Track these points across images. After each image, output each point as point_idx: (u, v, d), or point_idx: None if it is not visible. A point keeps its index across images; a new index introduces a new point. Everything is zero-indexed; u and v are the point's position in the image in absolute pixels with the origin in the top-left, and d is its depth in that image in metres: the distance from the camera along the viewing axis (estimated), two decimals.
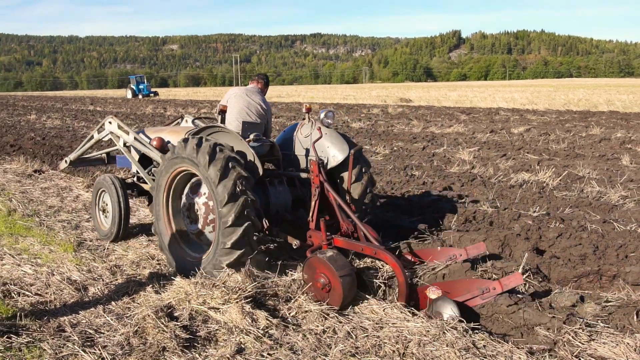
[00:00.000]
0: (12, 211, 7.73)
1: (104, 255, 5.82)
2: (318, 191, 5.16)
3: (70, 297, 4.71)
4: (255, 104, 6.24)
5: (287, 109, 31.40)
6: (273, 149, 5.90)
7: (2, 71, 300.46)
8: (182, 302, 4.39)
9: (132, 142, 6.47)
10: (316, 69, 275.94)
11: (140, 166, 6.39)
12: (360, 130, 18.23)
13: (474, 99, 37.28)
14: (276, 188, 5.59)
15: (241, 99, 6.21)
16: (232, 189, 4.60)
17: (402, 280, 4.34)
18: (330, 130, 5.69)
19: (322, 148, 5.59)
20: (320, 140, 5.60)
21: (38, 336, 3.89)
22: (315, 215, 5.14)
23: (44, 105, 41.96)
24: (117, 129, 6.73)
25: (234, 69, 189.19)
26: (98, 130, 7.09)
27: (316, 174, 5.18)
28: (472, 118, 22.19)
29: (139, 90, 59.11)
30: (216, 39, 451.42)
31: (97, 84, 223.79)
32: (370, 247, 4.68)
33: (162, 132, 6.46)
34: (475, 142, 14.37)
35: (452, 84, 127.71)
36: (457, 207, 7.21)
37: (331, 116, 5.78)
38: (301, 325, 4.07)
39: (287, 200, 5.63)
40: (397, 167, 10.80)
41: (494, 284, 4.27)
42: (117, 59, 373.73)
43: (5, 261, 5.64)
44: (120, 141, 6.65)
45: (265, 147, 5.79)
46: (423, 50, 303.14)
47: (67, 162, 7.50)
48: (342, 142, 5.60)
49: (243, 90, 6.33)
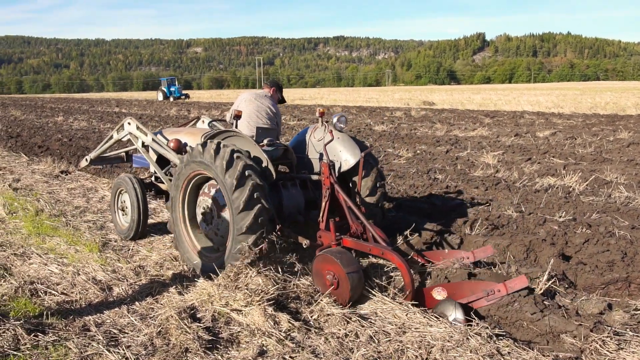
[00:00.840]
0: (39, 211, 7.87)
1: (128, 256, 5.88)
2: (328, 193, 5.26)
3: (95, 296, 4.77)
4: (265, 107, 6.37)
5: (310, 111, 31.43)
6: (287, 153, 6.02)
7: (31, 74, 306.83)
8: (205, 304, 4.42)
9: (150, 142, 6.62)
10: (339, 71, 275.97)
11: (157, 166, 6.54)
12: (383, 133, 18.16)
13: (498, 102, 36.91)
14: (289, 190, 5.66)
15: (251, 103, 6.35)
16: (248, 197, 4.70)
17: (408, 280, 4.43)
18: (343, 135, 5.77)
19: (334, 152, 5.67)
20: (332, 143, 5.68)
21: (64, 335, 3.95)
22: (326, 216, 5.25)
23: (71, 107, 42.69)
24: (136, 130, 6.89)
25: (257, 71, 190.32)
26: (117, 131, 7.26)
27: (327, 176, 5.28)
28: (497, 121, 21.95)
29: (170, 93, 58.25)
30: (240, 42, 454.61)
31: (122, 86, 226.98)
32: (377, 247, 4.78)
33: (179, 133, 6.59)
34: (499, 146, 14.21)
35: (476, 87, 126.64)
36: (481, 211, 7.14)
37: (343, 120, 5.87)
38: (323, 329, 4.06)
39: (299, 202, 5.69)
40: (420, 170, 10.73)
41: (499, 286, 4.32)
42: (142, 61, 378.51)
43: (32, 260, 5.74)
44: (138, 142, 6.81)
45: (279, 151, 5.93)
46: (447, 53, 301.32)
47: (87, 161, 7.71)
48: (354, 146, 5.67)
49: (253, 95, 6.49)
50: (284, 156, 6.01)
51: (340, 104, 41.06)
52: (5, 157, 14.01)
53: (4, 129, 21.82)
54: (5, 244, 6.37)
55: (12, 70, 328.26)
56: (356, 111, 30.30)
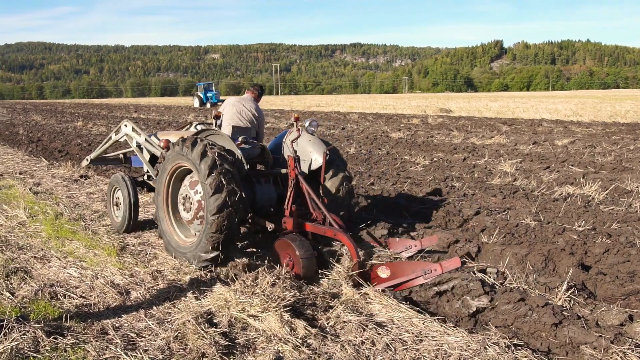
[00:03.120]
0: (59, 215, 7.97)
1: (145, 260, 5.93)
2: (293, 183, 5.95)
3: (113, 300, 4.81)
4: (247, 110, 6.95)
5: (327, 118, 31.49)
6: (264, 152, 6.70)
7: (52, 79, 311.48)
8: (221, 309, 4.43)
9: (143, 143, 7.29)
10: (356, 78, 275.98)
11: (149, 165, 7.19)
12: (399, 140, 18.12)
13: (516, 110, 36.65)
14: (262, 185, 6.32)
15: (234, 107, 6.95)
16: (219, 181, 5.26)
17: (355, 258, 5.06)
18: (313, 137, 6.53)
19: (306, 152, 6.42)
20: (304, 145, 6.46)
21: (82, 338, 3.98)
22: (290, 204, 5.89)
23: (90, 113, 43.22)
24: (131, 131, 7.51)
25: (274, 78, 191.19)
26: (115, 132, 7.81)
27: (292, 168, 5.96)
28: (514, 129, 21.80)
29: (207, 99, 55.41)
30: (257, 49, 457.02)
31: (141, 92, 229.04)
32: (331, 230, 5.45)
33: (170, 134, 7.16)
34: (517, 154, 14.10)
35: (494, 94, 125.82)
36: (499, 220, 7.08)
37: (315, 125, 6.68)
38: (340, 336, 4.05)
39: (272, 196, 6.34)
40: (437, 178, 10.68)
41: (435, 266, 4.87)
42: (161, 67, 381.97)
43: (52, 263, 5.81)
44: (133, 142, 7.45)
45: (256, 150, 6.64)
46: (464, 60, 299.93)
47: (88, 161, 8.35)
48: (323, 146, 6.38)
49: (238, 100, 7.08)
50: (260, 155, 6.69)
51: (356, 110, 41.05)
52: (26, 162, 14.22)
53: (25, 134, 22.15)
54: (26, 247, 6.46)
55: (34, 76, 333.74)
56: (373, 118, 30.27)
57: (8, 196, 9.42)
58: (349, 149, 15.77)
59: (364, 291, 4.84)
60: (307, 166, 6.36)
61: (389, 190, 9.26)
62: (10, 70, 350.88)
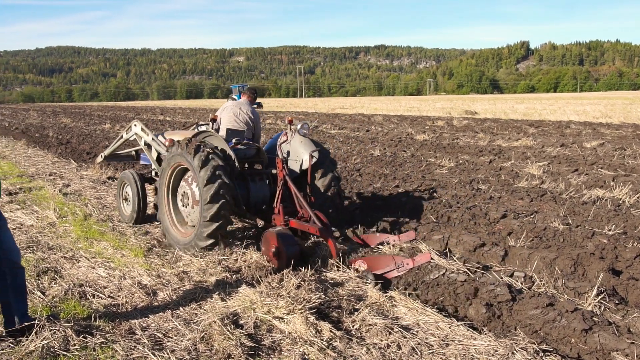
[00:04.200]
0: (87, 216, 8.10)
1: (172, 261, 5.98)
2: (282, 183, 6.44)
3: (141, 300, 4.87)
4: (243, 113, 7.38)
5: (351, 120, 31.45)
6: (259, 153, 7.16)
7: (80, 82, 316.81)
8: (247, 311, 4.46)
9: (150, 142, 7.77)
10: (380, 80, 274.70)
11: (156, 163, 7.67)
12: (424, 142, 18.01)
13: (543, 112, 36.12)
14: (256, 184, 6.84)
15: (232, 110, 7.39)
16: (211, 174, 5.77)
17: (334, 253, 5.54)
18: (305, 139, 6.94)
19: (297, 153, 6.87)
20: (296, 146, 6.90)
21: (111, 337, 4.04)
22: (279, 202, 6.40)
23: (117, 115, 43.88)
24: (140, 131, 7.98)
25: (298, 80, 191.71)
26: (126, 131, 8.34)
27: (280, 169, 6.44)
28: (541, 131, 21.48)
29: None
30: (281, 51, 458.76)
31: (167, 94, 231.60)
32: (314, 227, 5.86)
33: (175, 134, 7.62)
34: (544, 157, 13.89)
35: (520, 96, 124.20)
36: (526, 223, 6.98)
37: (306, 127, 7.10)
38: (365, 339, 4.04)
39: (265, 194, 6.84)
40: (462, 180, 10.59)
41: (408, 260, 5.34)
42: (186, 70, 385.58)
43: (81, 263, 5.91)
44: (142, 141, 7.93)
45: (252, 151, 7.10)
46: (489, 61, 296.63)
47: (102, 157, 9.14)
48: (313, 148, 6.80)
49: (235, 104, 7.53)
50: (256, 155, 7.17)
51: (381, 112, 40.92)
52: (55, 163, 14.50)
53: (55, 136, 22.58)
54: (56, 247, 6.58)
55: (63, 79, 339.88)
56: (397, 120, 30.13)
57: (39, 197, 9.62)
58: (373, 151, 15.73)
59: (389, 294, 4.82)
60: (298, 166, 6.84)
61: (414, 193, 9.20)
62: (41, 74, 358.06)
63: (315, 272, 5.28)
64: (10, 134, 25.18)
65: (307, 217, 6.17)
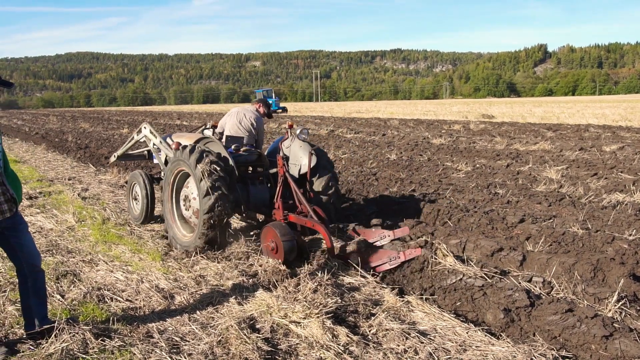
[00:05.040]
0: (106, 220, 8.18)
1: (189, 265, 6.01)
2: (282, 180, 6.76)
3: (158, 304, 4.90)
4: (247, 120, 7.79)
5: (367, 124, 31.42)
6: (261, 157, 7.48)
7: (99, 88, 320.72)
8: (264, 315, 4.46)
9: (158, 144, 7.96)
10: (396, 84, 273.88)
11: (164, 165, 7.80)
12: (441, 146, 17.92)
13: (561, 115, 35.77)
14: (256, 187, 7.18)
15: (236, 116, 7.82)
16: (210, 185, 6.01)
17: (330, 245, 5.75)
18: (304, 144, 7.18)
19: (297, 157, 7.15)
20: (296, 151, 7.19)
21: (129, 340, 4.07)
22: (279, 198, 6.69)
23: (135, 120, 44.27)
24: (149, 133, 8.22)
25: (314, 84, 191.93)
26: (137, 133, 8.61)
27: (281, 166, 6.77)
28: (559, 135, 21.26)
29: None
30: (297, 56, 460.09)
31: (184, 99, 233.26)
32: (310, 221, 6.12)
33: (182, 137, 7.79)
34: (563, 160, 13.75)
35: (537, 99, 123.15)
36: (544, 228, 6.91)
37: (306, 132, 7.34)
38: (382, 344, 4.02)
39: (264, 196, 7.14)
40: (479, 184, 10.51)
41: (399, 254, 5.62)
42: (203, 75, 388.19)
43: (99, 267, 5.97)
44: (151, 143, 8.17)
45: (254, 156, 7.43)
46: (506, 65, 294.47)
47: (115, 157, 9.48)
48: (313, 152, 7.07)
49: (240, 110, 7.98)
50: (258, 160, 7.47)
51: (397, 117, 40.83)
52: (74, 168, 14.68)
53: (74, 141, 22.87)
54: (75, 250, 6.66)
55: (82, 85, 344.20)
56: (413, 124, 30.04)
57: (58, 201, 9.74)
58: (389, 155, 15.69)
59: (406, 299, 4.80)
60: (297, 170, 7.11)
61: (430, 197, 9.16)
62: (60, 79, 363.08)
63: (332, 277, 5.28)
64: (31, 138, 25.55)
65: (305, 212, 6.42)
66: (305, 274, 5.23)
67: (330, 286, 4.87)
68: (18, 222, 4.03)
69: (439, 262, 5.55)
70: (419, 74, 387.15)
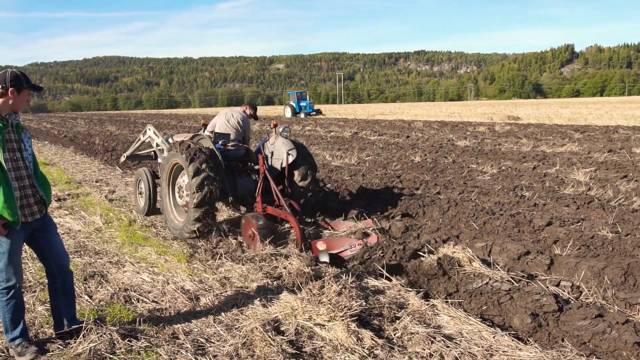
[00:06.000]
0: (132, 221, 8.29)
1: (214, 267, 6.06)
2: (262, 176, 7.64)
3: (184, 305, 4.94)
4: (234, 119, 8.71)
5: (391, 126, 31.29)
6: (248, 152, 8.37)
7: (125, 91, 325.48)
8: (288, 317, 4.46)
9: (160, 143, 8.99)
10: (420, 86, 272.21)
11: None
12: (466, 148, 17.76)
13: (588, 117, 35.13)
14: (243, 179, 8.08)
15: (224, 116, 8.76)
16: (197, 167, 6.93)
17: (299, 234, 6.63)
18: (286, 140, 8.06)
19: (280, 152, 7.98)
20: (279, 146, 8.02)
21: (155, 341, 4.11)
22: (260, 192, 7.58)
23: (160, 123, 44.78)
24: (153, 134, 9.23)
25: (338, 86, 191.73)
26: (142, 134, 9.56)
27: (261, 165, 7.65)
28: (587, 136, 20.89)
29: (301, 109, 51.22)
30: (320, 58, 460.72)
31: (208, 102, 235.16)
32: (283, 212, 7.09)
33: (180, 136, 8.65)
34: (591, 162, 13.50)
35: (564, 100, 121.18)
36: (572, 231, 6.79)
37: (288, 130, 8.29)
38: (407, 348, 3.99)
39: (250, 187, 7.97)
40: (505, 187, 10.38)
41: (359, 242, 6.43)
42: (227, 78, 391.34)
43: (126, 268, 6.04)
44: (154, 143, 9.18)
45: (241, 151, 8.28)
46: (532, 66, 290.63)
47: (124, 157, 10.44)
48: (293, 148, 7.91)
49: (229, 111, 8.96)
50: (246, 154, 8.33)
51: (421, 118, 40.58)
52: (102, 170, 14.91)
53: (101, 143, 23.22)
54: (102, 252, 6.75)
55: (109, 88, 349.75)
56: (438, 126, 29.81)
57: (86, 203, 9.90)
58: (413, 157, 15.60)
59: (431, 302, 4.75)
60: (279, 164, 7.96)
61: (455, 199, 9.07)
62: (88, 83, 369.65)
63: (356, 279, 5.25)
64: (59, 141, 26.04)
65: (282, 205, 7.28)
66: (330, 276, 5.21)
67: (355, 289, 4.85)
68: (47, 223, 4.11)
69: (463, 266, 5.49)
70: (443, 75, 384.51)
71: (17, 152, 3.83)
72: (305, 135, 25.42)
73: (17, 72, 3.79)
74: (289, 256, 6.28)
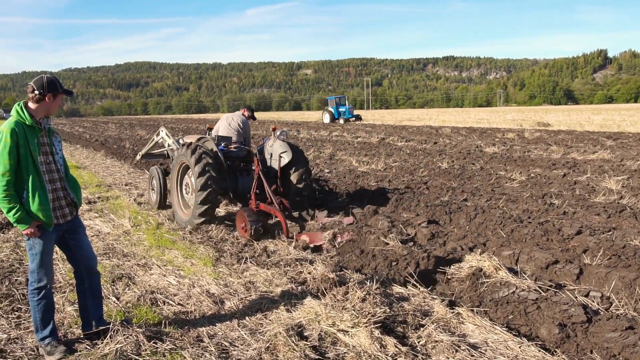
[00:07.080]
0: (159, 225, 8.40)
1: (239, 271, 6.10)
2: (257, 176, 8.25)
3: (209, 309, 4.98)
4: (235, 122, 9.41)
5: (418, 132, 31.12)
6: (249, 153, 9.04)
7: (155, 96, 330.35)
8: (312, 322, 4.47)
9: (171, 144, 10.03)
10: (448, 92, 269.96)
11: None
12: (494, 155, 17.55)
13: (622, 123, 34.41)
14: (244, 177, 8.82)
15: (225, 120, 9.48)
16: (202, 168, 7.83)
17: (284, 227, 7.42)
18: (283, 143, 8.84)
19: (277, 154, 8.70)
20: (276, 148, 8.80)
21: (179, 344, 4.15)
22: (254, 190, 8.26)
23: (189, 127, 45.31)
24: (165, 135, 10.33)
25: (365, 92, 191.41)
26: (156, 135, 10.62)
27: (256, 165, 8.24)
28: (620, 144, 20.45)
29: (340, 114, 49.06)
30: (348, 64, 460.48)
31: (236, 107, 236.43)
32: (272, 208, 7.80)
33: (190, 138, 9.30)
34: (624, 170, 13.21)
35: (597, 106, 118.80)
36: (603, 240, 6.64)
37: (285, 134, 9.17)
38: (431, 356, 3.96)
39: (251, 185, 8.48)
40: (534, 194, 10.22)
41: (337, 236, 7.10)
42: (255, 83, 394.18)
43: (153, 271, 6.13)
44: (166, 143, 10.20)
45: (243, 152, 9.02)
46: (563, 71, 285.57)
47: (139, 156, 11.74)
48: (289, 150, 8.68)
49: (230, 115, 9.67)
50: (247, 156, 9.04)
51: (449, 124, 40.27)
52: (131, 174, 15.16)
53: (131, 148, 23.61)
54: (130, 254, 6.86)
55: (139, 93, 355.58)
56: (466, 132, 29.55)
57: (115, 206, 10.07)
58: (441, 163, 15.48)
59: (456, 310, 4.70)
60: (277, 164, 8.65)
61: (483, 207, 8.97)
62: (119, 88, 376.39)
63: (381, 286, 5.23)
64: (91, 145, 26.56)
65: (274, 202, 7.89)
66: (354, 282, 5.20)
67: (379, 295, 4.83)
68: (77, 225, 4.21)
69: (490, 274, 5.42)
70: (472, 81, 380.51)
71: (50, 156, 3.94)
72: (332, 141, 25.43)
73: (52, 77, 3.92)
74: (313, 262, 6.29)
